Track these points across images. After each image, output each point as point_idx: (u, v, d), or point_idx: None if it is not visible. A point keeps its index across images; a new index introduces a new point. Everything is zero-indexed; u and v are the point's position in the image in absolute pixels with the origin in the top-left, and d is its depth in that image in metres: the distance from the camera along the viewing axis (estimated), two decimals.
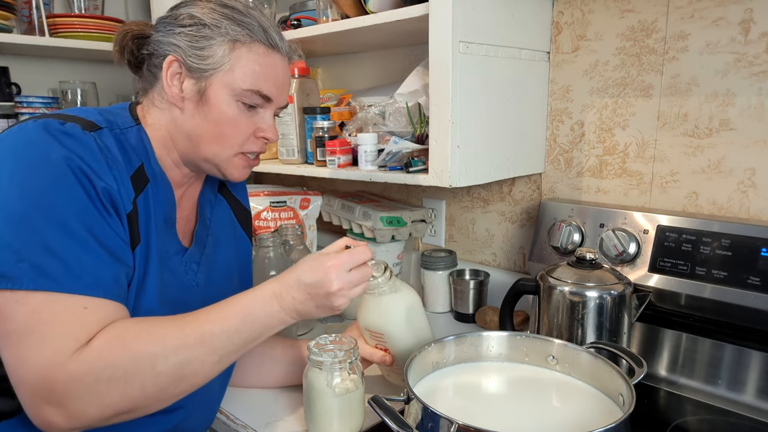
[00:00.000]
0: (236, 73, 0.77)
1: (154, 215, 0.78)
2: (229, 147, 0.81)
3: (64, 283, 0.64)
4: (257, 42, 0.78)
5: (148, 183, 0.77)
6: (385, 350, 0.92)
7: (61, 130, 0.68)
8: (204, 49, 0.76)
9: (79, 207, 0.66)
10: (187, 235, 0.88)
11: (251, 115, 0.81)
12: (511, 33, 1.10)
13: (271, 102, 0.82)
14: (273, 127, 0.83)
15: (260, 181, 1.80)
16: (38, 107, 1.68)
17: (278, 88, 0.81)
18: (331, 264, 0.73)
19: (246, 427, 0.90)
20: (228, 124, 0.79)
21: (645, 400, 0.96)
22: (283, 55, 0.82)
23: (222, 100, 0.78)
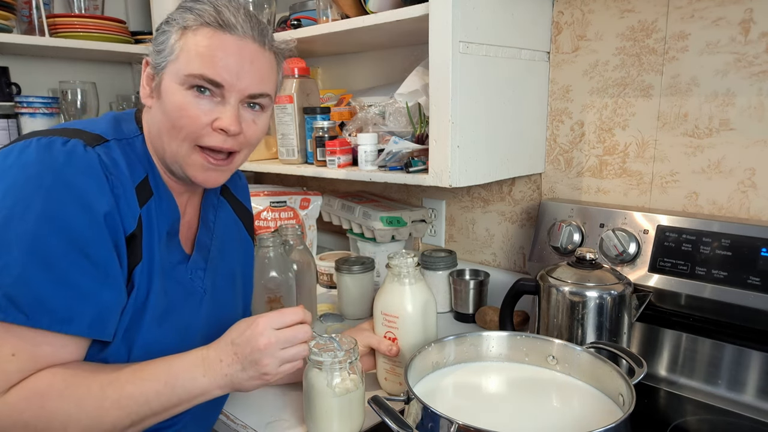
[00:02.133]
0: (182, 60, 0.73)
1: (158, 229, 0.77)
2: (185, 140, 0.75)
3: (33, 317, 0.63)
4: (204, 25, 0.73)
5: (152, 196, 0.77)
6: (393, 340, 0.92)
7: (63, 151, 0.68)
8: (160, 44, 0.76)
9: (67, 236, 0.65)
10: (188, 242, 0.87)
11: (206, 105, 0.74)
12: (511, 33, 1.10)
13: (223, 88, 0.74)
14: (232, 116, 0.75)
15: (260, 181, 1.80)
16: (38, 107, 1.68)
17: (229, 71, 0.73)
18: (260, 320, 0.71)
19: (246, 427, 0.90)
20: (177, 113, 0.73)
21: (645, 400, 0.96)
22: (242, 37, 0.74)
23: (171, 90, 0.74)
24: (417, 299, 0.91)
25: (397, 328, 0.92)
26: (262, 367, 0.71)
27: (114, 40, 1.76)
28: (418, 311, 0.91)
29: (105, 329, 0.70)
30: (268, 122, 0.84)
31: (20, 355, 0.65)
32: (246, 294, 0.99)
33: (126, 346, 0.73)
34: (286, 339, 0.72)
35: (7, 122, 1.61)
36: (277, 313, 0.73)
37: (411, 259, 0.92)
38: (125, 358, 0.73)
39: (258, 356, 0.70)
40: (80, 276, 0.66)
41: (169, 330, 0.78)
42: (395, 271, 0.92)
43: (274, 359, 0.71)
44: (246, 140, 0.79)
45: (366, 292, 1.32)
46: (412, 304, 0.91)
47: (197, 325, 0.84)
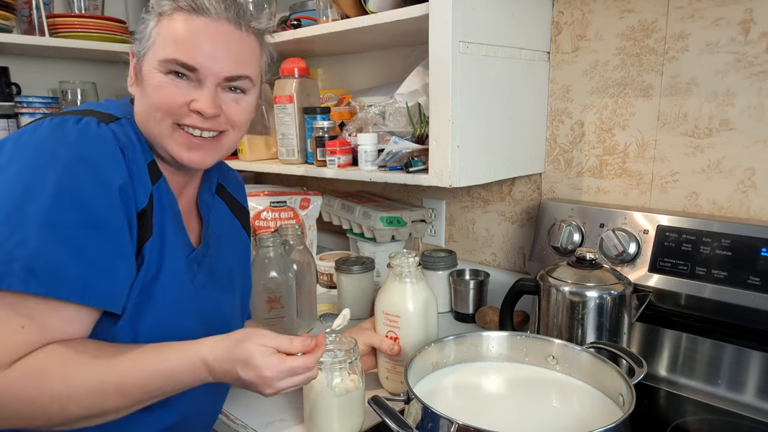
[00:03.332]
0: (157, 46, 0.74)
1: (170, 208, 0.78)
2: (164, 119, 0.75)
3: (52, 288, 0.64)
4: (178, 10, 0.74)
5: (162, 176, 0.78)
6: (395, 339, 0.92)
7: (76, 128, 0.69)
8: (140, 32, 0.77)
9: (83, 209, 0.66)
10: (192, 235, 0.88)
11: (183, 86, 0.75)
12: (511, 33, 1.10)
13: (198, 71, 0.74)
14: (208, 99, 0.75)
15: (260, 181, 1.80)
16: (38, 107, 1.68)
17: (203, 54, 0.73)
18: (269, 375, 0.69)
19: (246, 427, 0.90)
20: (155, 93, 0.74)
21: (645, 400, 0.96)
22: (215, 19, 0.74)
23: (150, 75, 0.75)
24: (418, 299, 0.92)
25: (399, 328, 0.92)
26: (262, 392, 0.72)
27: (114, 40, 1.76)
28: (420, 311, 0.92)
29: (117, 301, 0.70)
30: (254, 103, 0.83)
31: (29, 328, 0.65)
32: (244, 291, 0.99)
33: (134, 322, 0.73)
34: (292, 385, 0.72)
35: (7, 122, 1.61)
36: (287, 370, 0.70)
37: (412, 258, 0.92)
38: (134, 336, 0.73)
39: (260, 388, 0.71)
40: (96, 248, 0.67)
41: (179, 312, 0.78)
42: (396, 270, 0.92)
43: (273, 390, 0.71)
44: (229, 120, 0.79)
45: (366, 292, 1.32)
46: (413, 303, 0.91)
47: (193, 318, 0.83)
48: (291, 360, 0.70)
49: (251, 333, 0.72)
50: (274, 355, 0.70)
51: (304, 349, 0.72)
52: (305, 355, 0.72)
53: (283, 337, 0.72)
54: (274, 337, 0.71)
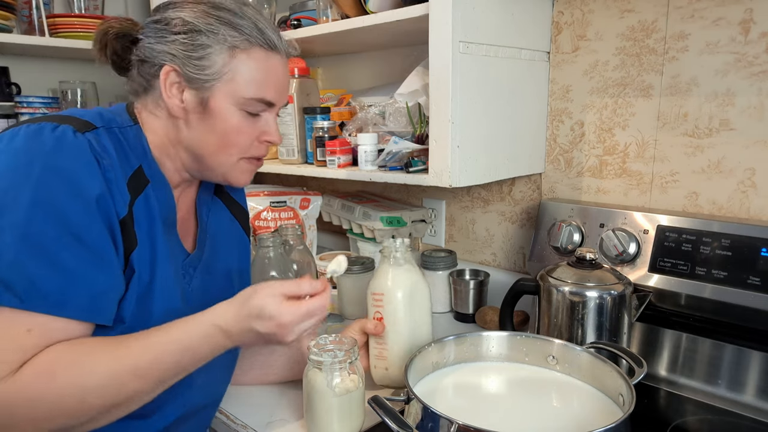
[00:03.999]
0: (238, 82, 0.75)
1: (160, 215, 0.77)
2: (235, 155, 0.80)
3: (27, 301, 0.63)
4: (256, 46, 0.76)
5: (149, 183, 0.76)
6: (379, 320, 0.92)
7: (52, 137, 0.67)
8: (202, 59, 0.74)
9: (59, 220, 0.65)
10: (188, 239, 0.87)
11: (255, 121, 0.80)
12: (511, 33, 1.10)
13: (275, 106, 0.81)
14: (276, 130, 0.83)
15: (260, 181, 1.80)
16: (38, 107, 1.68)
17: (280, 91, 0.80)
18: (287, 320, 0.71)
19: (246, 427, 0.90)
20: (234, 133, 0.78)
21: (645, 400, 0.96)
22: (282, 55, 0.80)
23: (226, 110, 0.76)
24: (404, 278, 0.92)
25: (382, 306, 0.92)
26: (283, 341, 0.73)
27: None
28: (405, 291, 0.91)
29: (100, 313, 0.69)
30: None
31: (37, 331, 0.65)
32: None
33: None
34: (312, 325, 0.74)
35: (7, 122, 1.61)
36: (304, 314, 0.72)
37: (400, 240, 0.93)
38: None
39: (281, 337, 0.73)
40: (73, 259, 0.66)
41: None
42: (385, 252, 0.93)
43: (294, 335, 0.74)
44: None
45: (366, 293, 1.32)
46: (398, 282, 0.91)
47: None
48: (305, 303, 0.72)
49: (256, 287, 0.73)
50: (285, 302, 0.71)
51: (312, 290, 0.74)
52: (317, 296, 0.74)
53: (288, 282, 0.73)
54: (280, 284, 0.73)
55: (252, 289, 0.73)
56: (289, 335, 0.72)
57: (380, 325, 0.92)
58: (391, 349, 0.92)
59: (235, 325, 0.71)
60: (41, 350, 0.65)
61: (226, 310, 0.72)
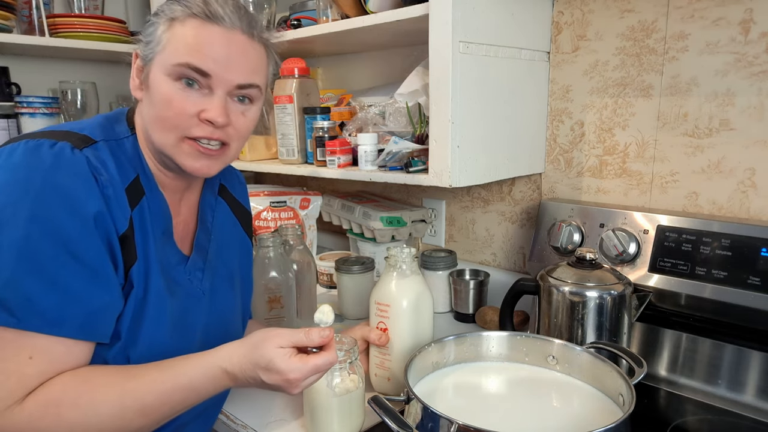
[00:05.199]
0: (167, 50, 0.73)
1: (152, 228, 0.77)
2: (171, 130, 0.74)
3: (24, 320, 0.63)
4: (192, 16, 0.73)
5: (144, 196, 0.76)
6: (384, 330, 0.92)
7: (50, 153, 0.67)
8: (149, 35, 0.75)
9: (57, 238, 0.65)
10: (186, 242, 0.87)
11: (192, 95, 0.74)
12: (511, 33, 1.10)
13: (211, 77, 0.73)
14: (219, 107, 0.74)
15: (260, 181, 1.80)
16: (38, 107, 1.68)
17: (216, 61, 0.73)
18: (294, 377, 0.70)
19: (246, 427, 0.90)
20: (164, 104, 0.73)
21: (645, 400, 0.96)
22: (230, 28, 0.74)
23: (158, 80, 0.74)
24: (410, 290, 0.92)
25: (387, 318, 0.92)
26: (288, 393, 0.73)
27: (114, 40, 1.76)
28: (411, 302, 0.91)
29: (97, 331, 0.69)
30: (258, 114, 0.83)
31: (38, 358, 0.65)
32: (245, 294, 0.99)
33: (127, 347, 0.73)
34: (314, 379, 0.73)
35: (7, 122, 1.61)
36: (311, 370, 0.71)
37: (407, 250, 0.92)
38: (126, 360, 0.73)
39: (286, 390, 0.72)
40: (70, 278, 0.66)
41: (170, 331, 0.78)
42: (391, 261, 0.93)
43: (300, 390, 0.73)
44: (236, 132, 0.78)
45: (366, 292, 1.32)
46: (404, 294, 0.91)
47: (197, 326, 0.84)
48: (313, 359, 0.71)
49: (266, 336, 0.72)
50: (294, 357, 0.70)
51: (321, 341, 0.73)
52: (325, 351, 0.73)
53: (298, 333, 0.72)
54: (289, 336, 0.72)
55: (262, 336, 0.72)
56: (295, 389, 0.71)
57: (385, 337, 0.92)
58: (394, 359, 0.92)
59: (242, 371, 0.71)
60: (46, 379, 0.65)
61: (233, 354, 0.71)
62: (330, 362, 0.72)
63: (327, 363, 0.72)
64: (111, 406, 0.67)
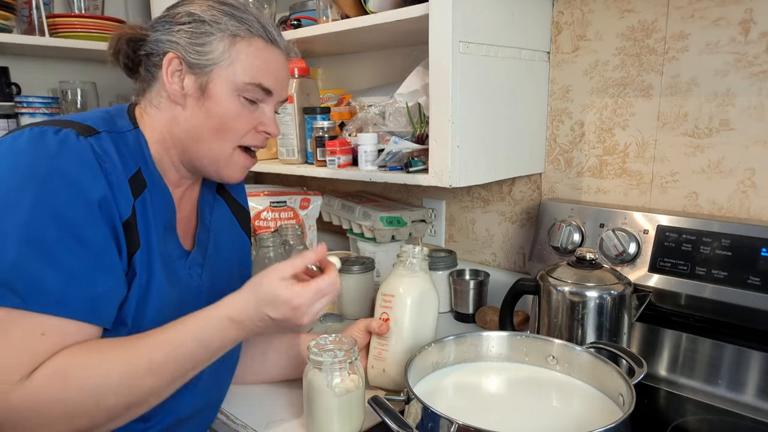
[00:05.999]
0: (237, 67, 0.77)
1: (153, 220, 0.77)
2: (230, 141, 0.80)
3: (29, 301, 0.63)
4: (257, 36, 0.79)
5: (146, 188, 0.77)
6: (386, 320, 0.94)
7: (55, 140, 0.68)
8: (204, 45, 0.76)
9: (62, 222, 0.65)
10: (188, 238, 0.87)
11: (253, 110, 0.81)
12: (511, 33, 1.10)
13: (272, 96, 0.82)
14: (274, 121, 0.84)
15: (260, 181, 1.80)
16: (38, 107, 1.68)
17: (278, 81, 0.82)
18: (300, 302, 0.71)
19: (246, 427, 0.90)
20: (231, 118, 0.79)
21: (645, 400, 0.96)
22: (282, 51, 0.83)
23: (224, 95, 0.78)
24: (416, 285, 0.93)
25: (390, 308, 0.93)
26: (299, 323, 0.74)
27: None
28: (415, 297, 0.92)
29: (101, 314, 0.69)
30: None
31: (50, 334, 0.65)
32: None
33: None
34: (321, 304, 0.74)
35: (7, 122, 1.61)
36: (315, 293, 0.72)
37: (419, 248, 0.95)
38: None
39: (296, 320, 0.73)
40: (75, 260, 0.66)
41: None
42: (402, 257, 0.95)
43: (310, 317, 0.74)
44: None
45: (366, 292, 1.32)
46: (409, 287, 0.93)
47: None
48: (314, 283, 0.73)
49: (264, 273, 0.73)
50: (296, 284, 0.72)
51: (317, 255, 0.75)
52: (325, 274, 0.75)
53: (293, 260, 0.74)
54: (285, 265, 0.73)
55: (260, 275, 0.73)
56: (304, 317, 0.72)
57: (385, 325, 0.93)
58: (391, 351, 0.92)
59: (248, 314, 0.71)
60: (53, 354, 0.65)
61: (236, 300, 0.72)
62: (332, 283, 0.73)
63: (329, 284, 0.73)
64: (119, 367, 0.66)
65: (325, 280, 0.73)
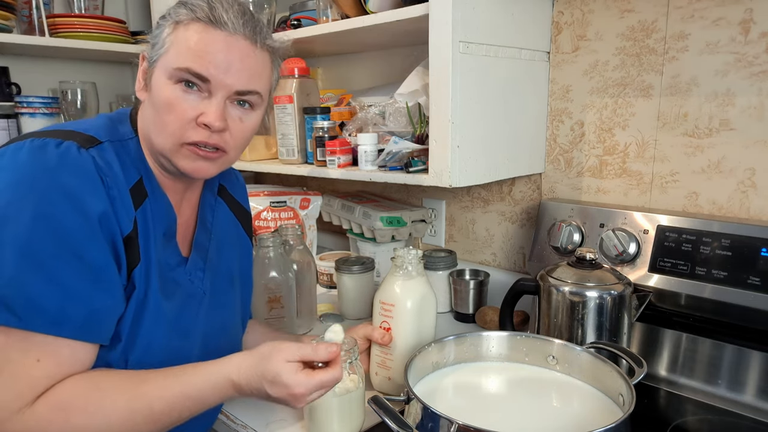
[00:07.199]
0: (170, 53, 0.73)
1: (153, 230, 0.77)
2: (170, 135, 0.74)
3: (26, 320, 0.63)
4: (196, 20, 0.73)
5: (147, 197, 0.76)
6: (387, 330, 0.93)
7: (56, 153, 0.67)
8: (155, 37, 0.76)
9: (61, 238, 0.65)
10: (185, 242, 0.87)
11: (191, 100, 0.73)
12: (511, 33, 1.10)
13: (210, 82, 0.73)
14: (216, 112, 0.74)
15: (260, 181, 1.80)
16: (38, 107, 1.68)
17: (217, 66, 0.72)
18: (300, 392, 0.70)
19: (246, 427, 0.90)
20: (164, 107, 0.73)
21: (645, 400, 0.96)
22: (233, 33, 0.73)
23: (160, 83, 0.74)
24: (415, 291, 0.92)
25: (392, 318, 0.92)
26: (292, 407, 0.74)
27: (114, 40, 1.76)
28: (415, 303, 0.92)
29: (98, 332, 0.69)
30: (259, 121, 0.82)
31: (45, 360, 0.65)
32: (245, 294, 0.99)
33: (127, 348, 0.73)
34: (318, 394, 0.73)
35: (7, 122, 1.61)
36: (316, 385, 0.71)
37: (414, 251, 0.93)
38: (125, 361, 0.73)
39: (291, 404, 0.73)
40: (72, 277, 0.66)
41: (170, 332, 0.78)
42: (398, 262, 0.93)
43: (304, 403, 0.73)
44: (232, 139, 0.78)
45: (366, 292, 1.32)
46: (408, 294, 0.92)
47: (197, 326, 0.84)
48: (319, 374, 0.71)
49: (274, 349, 0.72)
50: (301, 372, 0.70)
51: (329, 356, 0.73)
52: (330, 368, 0.73)
53: (305, 347, 0.72)
54: (297, 350, 0.72)
55: (270, 349, 0.72)
56: (299, 404, 0.72)
57: (388, 336, 0.92)
58: (397, 359, 0.92)
59: (248, 383, 0.71)
60: (54, 381, 0.66)
61: (242, 364, 0.72)
62: (335, 379, 0.72)
63: (332, 379, 0.72)
64: (120, 412, 0.67)
65: (329, 374, 0.71)
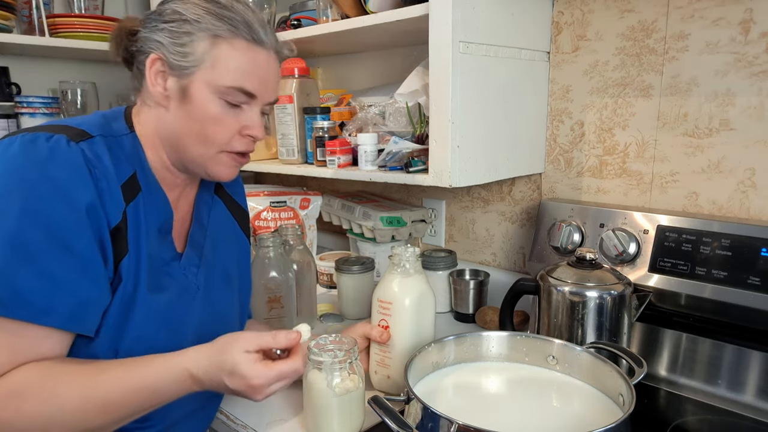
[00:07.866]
0: (218, 70, 0.75)
1: (145, 224, 0.77)
2: (214, 146, 0.78)
3: (11, 309, 0.64)
4: (239, 37, 0.75)
5: (140, 192, 0.77)
6: (385, 328, 0.93)
7: (46, 146, 0.68)
8: (185, 46, 0.75)
9: (48, 228, 0.66)
10: (180, 238, 0.87)
11: (236, 113, 0.78)
12: (511, 33, 1.10)
13: (256, 98, 0.79)
14: (259, 124, 0.80)
15: (260, 181, 1.80)
16: (38, 107, 1.68)
17: (262, 83, 0.78)
18: (258, 383, 0.69)
19: (246, 427, 0.90)
20: (211, 122, 0.77)
21: (645, 400, 0.96)
22: (268, 50, 0.79)
23: (205, 99, 0.76)
24: (413, 289, 0.92)
25: (390, 315, 0.92)
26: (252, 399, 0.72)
27: None
28: (413, 301, 0.91)
29: (84, 323, 0.70)
30: None
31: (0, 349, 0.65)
32: (243, 293, 0.99)
33: (115, 341, 0.73)
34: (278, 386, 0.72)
35: (7, 122, 1.61)
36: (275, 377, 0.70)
37: (411, 249, 0.93)
38: (114, 353, 0.73)
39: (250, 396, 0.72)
40: (60, 268, 0.66)
41: (161, 326, 0.78)
42: (395, 260, 0.93)
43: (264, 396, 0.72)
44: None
45: (366, 292, 1.32)
46: (406, 292, 0.92)
47: (190, 322, 0.83)
48: (278, 365, 0.70)
49: (233, 339, 0.71)
50: (259, 363, 0.70)
51: (288, 343, 0.72)
52: (291, 359, 0.72)
53: (264, 336, 0.72)
54: (255, 339, 0.71)
55: (228, 339, 0.72)
56: (258, 396, 0.71)
57: (386, 334, 0.92)
58: (395, 357, 0.92)
59: (206, 374, 0.70)
60: (9, 369, 0.66)
61: (199, 356, 0.71)
62: (295, 369, 0.71)
63: (292, 370, 0.71)
64: (73, 400, 0.67)
65: (289, 365, 0.71)
